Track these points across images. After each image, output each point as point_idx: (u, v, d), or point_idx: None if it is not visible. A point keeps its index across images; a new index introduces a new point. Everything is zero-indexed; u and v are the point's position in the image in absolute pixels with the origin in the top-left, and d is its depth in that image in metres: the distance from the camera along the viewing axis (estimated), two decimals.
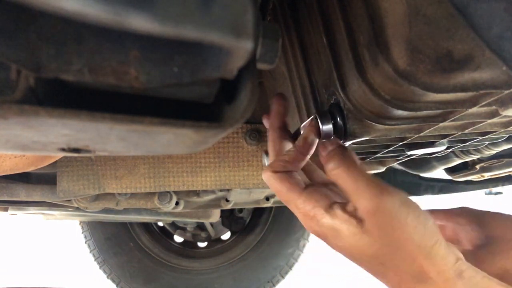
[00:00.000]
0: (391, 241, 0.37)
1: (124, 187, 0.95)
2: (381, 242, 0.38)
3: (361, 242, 0.38)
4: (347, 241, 0.39)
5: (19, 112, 0.18)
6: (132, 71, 0.20)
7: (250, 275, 1.92)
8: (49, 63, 0.19)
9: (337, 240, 0.40)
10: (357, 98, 0.43)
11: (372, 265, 0.40)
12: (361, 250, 0.39)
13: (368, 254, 0.39)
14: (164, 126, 0.21)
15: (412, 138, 0.52)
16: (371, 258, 0.39)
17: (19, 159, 0.69)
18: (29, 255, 3.53)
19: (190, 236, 2.12)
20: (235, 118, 0.23)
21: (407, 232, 0.37)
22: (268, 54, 0.24)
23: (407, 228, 0.37)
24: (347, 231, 0.39)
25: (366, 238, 0.38)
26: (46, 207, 1.18)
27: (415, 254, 0.37)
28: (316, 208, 0.40)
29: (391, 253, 0.38)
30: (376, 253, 0.38)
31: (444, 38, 0.33)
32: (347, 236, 0.39)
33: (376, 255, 0.38)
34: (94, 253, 1.91)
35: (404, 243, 0.37)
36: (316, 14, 0.47)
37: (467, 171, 1.12)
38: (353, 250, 0.39)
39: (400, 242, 0.37)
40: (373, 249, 0.38)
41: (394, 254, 0.38)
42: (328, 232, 0.40)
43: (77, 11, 0.15)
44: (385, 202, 0.37)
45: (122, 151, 0.30)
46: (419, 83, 0.35)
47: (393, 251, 0.38)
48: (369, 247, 0.38)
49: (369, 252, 0.38)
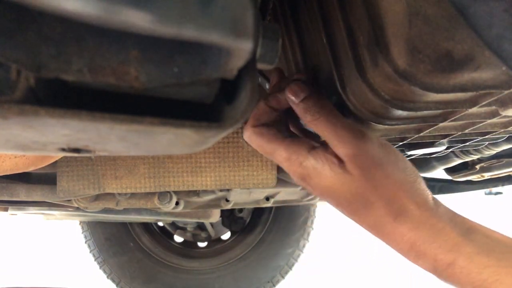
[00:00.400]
0: (372, 180, 0.39)
1: (124, 187, 0.95)
2: (362, 181, 0.39)
3: (342, 181, 0.40)
4: (329, 180, 0.40)
5: (19, 112, 0.18)
6: (132, 71, 0.20)
7: (250, 275, 1.92)
8: (49, 63, 0.19)
9: (319, 179, 0.41)
10: (357, 98, 0.43)
11: (351, 205, 0.40)
12: (341, 189, 0.40)
13: (348, 193, 0.40)
14: (164, 126, 0.21)
15: (412, 138, 0.52)
16: (351, 196, 0.40)
17: (19, 159, 0.69)
18: (29, 255, 3.53)
19: (190, 236, 2.12)
20: (235, 118, 0.23)
21: (388, 171, 0.40)
22: (268, 54, 0.24)
23: (387, 167, 0.40)
24: (329, 170, 0.40)
25: (348, 177, 0.39)
26: (46, 207, 1.18)
27: (395, 190, 0.39)
28: (299, 151, 0.42)
29: (371, 191, 0.39)
30: (356, 191, 0.39)
31: (444, 38, 0.33)
32: (329, 176, 0.40)
33: (356, 194, 0.39)
34: (94, 253, 1.91)
35: (384, 181, 0.39)
36: (316, 14, 0.46)
37: (467, 171, 1.12)
38: (334, 189, 0.40)
39: (381, 181, 0.39)
40: (353, 188, 0.39)
41: (374, 192, 0.39)
42: (312, 172, 0.41)
43: (77, 11, 0.15)
44: (365, 145, 0.39)
45: (122, 151, 0.30)
46: (419, 83, 0.35)
47: (373, 190, 0.39)
48: (350, 186, 0.39)
49: (350, 191, 0.40)
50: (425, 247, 0.37)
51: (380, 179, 0.39)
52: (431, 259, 0.37)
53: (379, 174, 0.39)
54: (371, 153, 0.40)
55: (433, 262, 0.37)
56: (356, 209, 0.40)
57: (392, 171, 0.40)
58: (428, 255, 0.37)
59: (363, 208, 0.40)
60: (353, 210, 0.41)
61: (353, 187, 0.39)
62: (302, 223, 1.93)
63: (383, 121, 0.44)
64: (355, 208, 0.40)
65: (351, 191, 0.40)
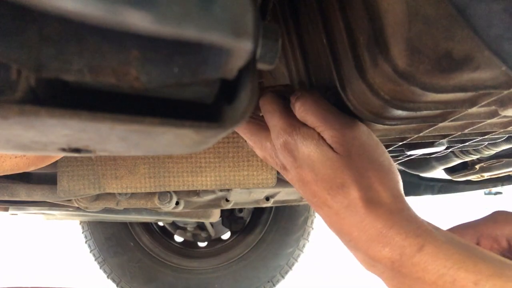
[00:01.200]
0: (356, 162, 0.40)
1: (124, 187, 0.95)
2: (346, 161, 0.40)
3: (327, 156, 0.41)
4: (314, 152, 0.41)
5: (19, 112, 0.18)
6: (132, 71, 0.20)
7: (250, 275, 1.92)
8: (49, 63, 0.19)
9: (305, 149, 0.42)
10: (357, 98, 0.43)
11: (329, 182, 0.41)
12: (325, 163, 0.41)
13: (330, 168, 0.40)
14: (164, 126, 0.21)
15: (411, 138, 0.52)
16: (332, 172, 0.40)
17: (19, 159, 0.69)
18: (29, 255, 3.53)
19: (190, 236, 2.12)
20: (235, 118, 0.23)
21: (372, 159, 0.41)
22: (268, 54, 0.24)
23: (372, 155, 0.41)
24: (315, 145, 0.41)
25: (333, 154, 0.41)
26: (47, 207, 1.18)
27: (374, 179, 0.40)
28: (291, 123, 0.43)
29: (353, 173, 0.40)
30: (338, 169, 0.40)
31: (444, 38, 0.33)
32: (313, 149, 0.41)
33: (337, 171, 0.40)
34: (94, 253, 1.91)
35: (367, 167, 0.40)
36: (316, 14, 0.47)
37: (467, 171, 1.12)
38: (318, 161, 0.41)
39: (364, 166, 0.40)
40: (336, 165, 0.40)
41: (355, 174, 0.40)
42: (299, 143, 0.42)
43: (77, 11, 0.15)
44: (353, 130, 0.41)
45: (122, 151, 0.30)
46: (418, 83, 0.35)
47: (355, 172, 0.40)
48: (333, 163, 0.40)
49: (332, 167, 0.40)
50: (395, 233, 0.37)
51: (364, 165, 0.40)
52: (399, 245, 0.36)
53: (363, 160, 0.40)
54: (359, 139, 0.41)
55: (401, 248, 0.36)
56: (331, 187, 0.40)
57: (376, 160, 0.41)
58: (397, 240, 0.37)
59: (339, 187, 0.40)
60: (329, 187, 0.40)
61: (337, 165, 0.40)
62: (302, 223, 1.93)
63: (383, 121, 0.44)
64: (331, 186, 0.40)
65: (333, 167, 0.40)
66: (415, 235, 0.36)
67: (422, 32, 0.33)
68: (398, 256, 0.36)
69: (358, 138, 0.41)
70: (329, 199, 0.41)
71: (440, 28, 0.33)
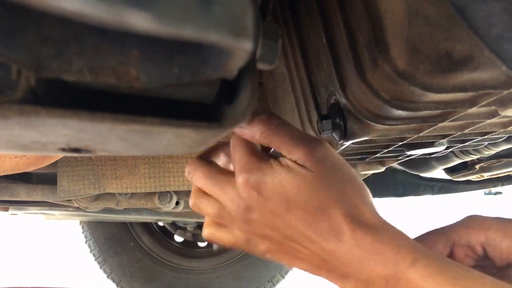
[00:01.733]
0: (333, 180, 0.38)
1: (125, 187, 0.95)
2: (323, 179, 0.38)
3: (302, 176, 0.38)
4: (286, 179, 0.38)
5: (20, 112, 0.18)
6: (132, 71, 0.20)
7: (250, 275, 1.92)
8: (49, 63, 0.19)
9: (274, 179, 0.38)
10: (357, 98, 0.43)
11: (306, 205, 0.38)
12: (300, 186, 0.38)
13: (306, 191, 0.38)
14: (164, 126, 0.21)
15: (411, 138, 0.52)
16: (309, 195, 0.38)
17: (19, 159, 0.69)
18: (29, 255, 3.53)
19: (190, 236, 2.12)
20: (235, 118, 0.23)
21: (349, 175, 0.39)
22: (268, 54, 0.24)
23: (347, 172, 0.40)
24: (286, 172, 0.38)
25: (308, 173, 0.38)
26: (47, 207, 1.19)
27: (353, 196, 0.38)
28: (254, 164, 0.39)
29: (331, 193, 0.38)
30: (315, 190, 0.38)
31: (444, 38, 0.33)
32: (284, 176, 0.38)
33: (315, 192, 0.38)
34: (94, 253, 1.91)
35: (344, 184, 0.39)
36: (316, 14, 0.47)
37: (467, 171, 1.12)
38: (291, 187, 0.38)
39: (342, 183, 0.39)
40: (313, 185, 0.38)
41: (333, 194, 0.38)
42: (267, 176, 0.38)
43: (77, 11, 0.15)
44: (323, 148, 0.39)
45: (122, 151, 0.30)
46: (418, 83, 0.35)
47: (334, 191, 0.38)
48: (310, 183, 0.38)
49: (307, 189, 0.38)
50: (386, 249, 0.36)
51: (340, 181, 0.38)
52: (392, 260, 0.35)
53: (338, 176, 0.39)
54: (330, 155, 0.39)
55: (394, 263, 0.35)
56: (310, 211, 0.38)
57: (349, 175, 0.39)
58: (388, 255, 0.36)
59: (319, 210, 0.37)
60: (308, 211, 0.38)
61: (314, 184, 0.38)
62: None
63: (383, 121, 0.44)
64: (310, 210, 0.38)
65: (310, 188, 0.38)
66: (407, 249, 0.36)
67: (422, 32, 0.33)
68: (391, 272, 0.35)
69: (329, 155, 0.39)
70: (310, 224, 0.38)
71: (440, 28, 0.33)
